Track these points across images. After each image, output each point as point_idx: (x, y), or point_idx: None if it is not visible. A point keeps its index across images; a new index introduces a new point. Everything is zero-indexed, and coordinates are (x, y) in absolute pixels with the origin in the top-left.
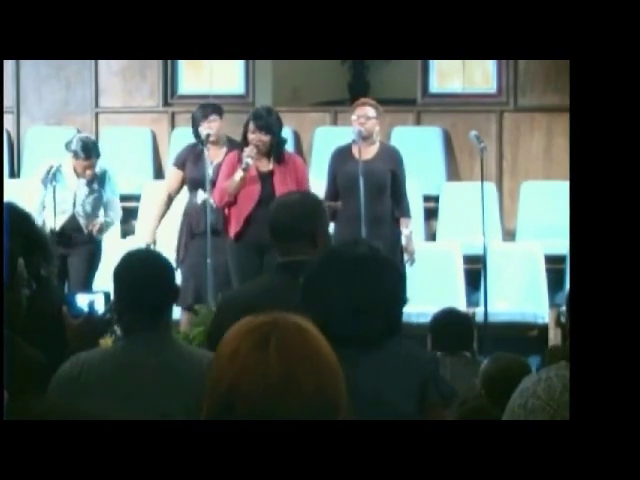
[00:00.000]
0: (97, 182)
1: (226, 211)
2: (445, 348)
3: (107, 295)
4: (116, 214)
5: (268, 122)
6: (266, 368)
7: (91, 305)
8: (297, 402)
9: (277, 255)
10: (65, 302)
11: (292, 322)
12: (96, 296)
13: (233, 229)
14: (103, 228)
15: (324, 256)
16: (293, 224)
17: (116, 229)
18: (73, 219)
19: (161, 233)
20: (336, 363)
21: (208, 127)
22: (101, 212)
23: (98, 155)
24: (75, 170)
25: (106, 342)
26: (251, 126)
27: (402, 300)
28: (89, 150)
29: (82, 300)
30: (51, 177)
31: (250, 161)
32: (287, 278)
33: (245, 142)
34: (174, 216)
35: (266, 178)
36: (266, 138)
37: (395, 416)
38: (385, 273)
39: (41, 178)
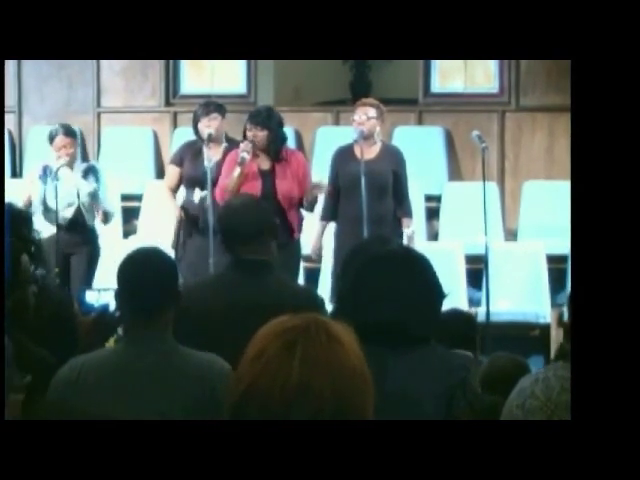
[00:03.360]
0: (91, 175)
1: None
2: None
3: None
4: (113, 205)
5: (264, 118)
6: (287, 375)
7: (102, 302)
8: (311, 412)
9: (234, 253)
10: (76, 300)
11: (324, 330)
12: (107, 293)
13: None
14: (108, 217)
15: (360, 258)
16: (255, 224)
17: (117, 229)
18: (79, 212)
19: (158, 230)
20: (364, 377)
21: (208, 125)
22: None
23: (75, 137)
24: (58, 159)
25: (109, 343)
26: (248, 124)
27: (442, 294)
28: (67, 128)
29: (92, 297)
30: (53, 174)
31: (246, 155)
32: (246, 275)
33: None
34: (170, 214)
35: (266, 176)
36: (262, 133)
37: (420, 418)
38: (424, 268)
39: (38, 175)
